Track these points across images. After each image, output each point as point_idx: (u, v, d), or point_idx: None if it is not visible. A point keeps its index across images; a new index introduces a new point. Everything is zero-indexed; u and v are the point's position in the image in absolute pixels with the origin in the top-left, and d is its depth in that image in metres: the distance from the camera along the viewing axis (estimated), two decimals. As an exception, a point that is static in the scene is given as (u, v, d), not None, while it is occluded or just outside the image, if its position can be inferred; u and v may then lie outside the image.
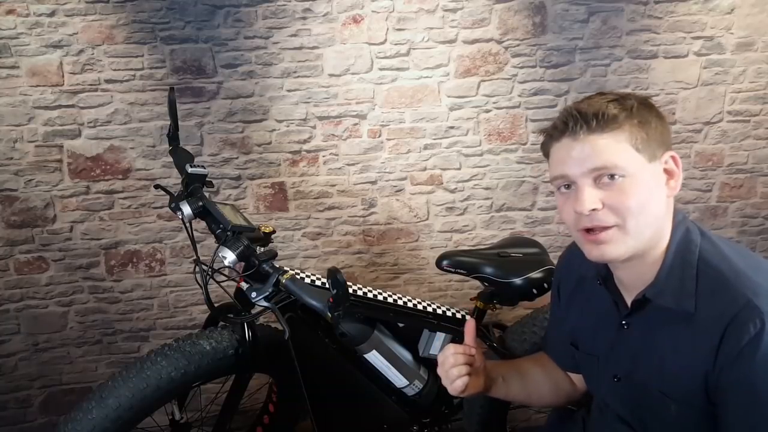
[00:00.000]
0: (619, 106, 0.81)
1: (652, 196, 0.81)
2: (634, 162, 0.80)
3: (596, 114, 0.80)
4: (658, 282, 0.84)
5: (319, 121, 1.95)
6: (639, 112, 0.81)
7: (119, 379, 1.26)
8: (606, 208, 0.81)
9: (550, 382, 1.15)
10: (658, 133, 0.82)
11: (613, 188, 0.80)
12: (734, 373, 0.76)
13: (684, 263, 0.83)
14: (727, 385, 0.77)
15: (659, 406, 0.87)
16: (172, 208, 1.29)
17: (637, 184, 0.80)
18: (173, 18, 1.84)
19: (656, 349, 0.86)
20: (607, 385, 0.97)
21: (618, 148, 0.79)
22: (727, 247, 0.84)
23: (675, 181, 0.84)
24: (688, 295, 0.81)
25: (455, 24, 1.91)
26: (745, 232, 2.15)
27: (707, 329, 0.79)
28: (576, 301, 1.05)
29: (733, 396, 0.77)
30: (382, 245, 2.08)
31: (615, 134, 0.80)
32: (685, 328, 0.82)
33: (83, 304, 2.02)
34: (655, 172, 0.82)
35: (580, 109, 0.82)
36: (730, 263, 0.81)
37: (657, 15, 1.94)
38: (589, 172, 0.81)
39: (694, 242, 0.85)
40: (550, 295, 1.17)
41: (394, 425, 1.59)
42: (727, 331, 0.76)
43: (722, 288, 0.79)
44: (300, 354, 1.41)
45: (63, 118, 1.87)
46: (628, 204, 0.79)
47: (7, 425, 2.06)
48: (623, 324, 0.92)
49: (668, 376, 0.84)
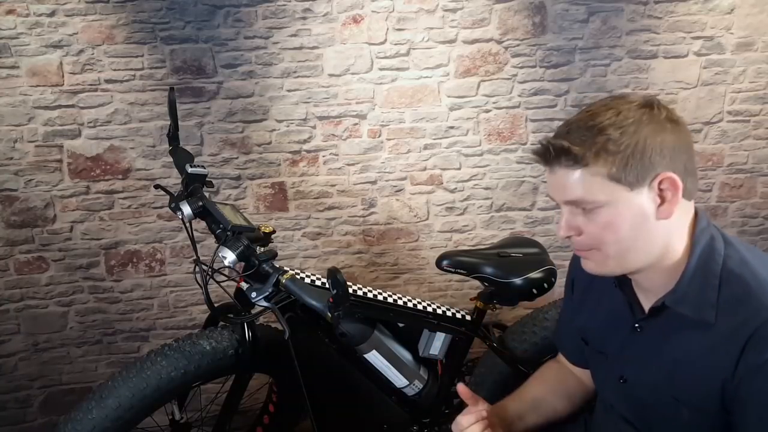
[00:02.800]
0: (585, 144, 0.77)
1: (634, 223, 0.79)
2: (610, 193, 0.78)
3: (564, 150, 0.79)
4: (678, 289, 0.82)
5: (319, 121, 1.95)
6: (621, 139, 0.76)
7: (119, 379, 1.26)
8: (584, 234, 0.83)
9: (563, 397, 1.13)
10: (647, 157, 0.76)
11: (590, 217, 0.81)
12: (755, 384, 0.75)
13: (707, 272, 0.81)
14: (747, 396, 0.76)
15: (670, 411, 0.86)
16: (172, 208, 1.29)
17: (615, 214, 0.79)
18: (173, 18, 1.84)
19: (669, 354, 0.85)
20: (612, 386, 0.97)
21: (591, 182, 0.78)
22: (752, 255, 0.82)
23: (668, 205, 0.79)
24: (709, 305, 0.80)
25: (455, 24, 1.91)
26: (745, 232, 2.15)
27: (727, 338, 0.78)
28: (589, 299, 1.04)
29: (752, 407, 0.76)
30: (382, 245, 2.08)
31: (588, 168, 0.78)
32: (703, 336, 0.81)
33: (83, 304, 2.02)
34: (640, 198, 0.78)
35: (553, 143, 0.80)
36: (754, 273, 0.79)
37: (657, 15, 1.94)
38: (565, 203, 0.83)
39: (717, 251, 0.82)
40: (564, 289, 1.17)
41: (394, 425, 1.59)
42: (749, 342, 0.75)
43: (745, 299, 0.77)
44: (300, 354, 1.41)
45: (63, 118, 1.87)
46: (602, 235, 0.81)
47: (7, 425, 2.06)
48: (636, 327, 0.91)
49: (681, 382, 0.83)
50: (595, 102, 0.85)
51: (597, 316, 1.01)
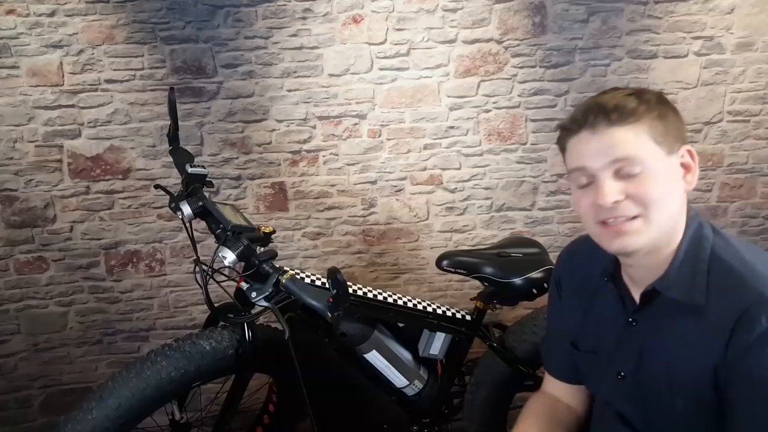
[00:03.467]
0: (638, 100, 0.81)
1: (671, 188, 0.82)
2: (653, 154, 0.80)
3: (616, 107, 0.80)
4: (668, 275, 0.84)
5: (319, 121, 1.95)
6: (657, 105, 0.82)
7: (119, 379, 1.26)
8: (628, 199, 0.80)
9: (558, 430, 1.10)
10: (675, 127, 0.82)
11: (634, 180, 0.80)
12: (744, 366, 0.76)
13: (696, 257, 0.84)
14: (737, 378, 0.77)
15: (666, 402, 0.87)
16: (172, 208, 1.29)
17: (658, 176, 0.80)
18: (173, 18, 1.84)
19: (664, 344, 0.86)
20: (609, 384, 0.97)
21: (638, 141, 0.80)
22: (739, 244, 0.85)
23: (692, 175, 0.84)
24: (699, 289, 0.82)
25: (455, 24, 1.91)
26: (746, 232, 2.15)
27: (717, 323, 0.79)
28: (579, 299, 1.04)
29: (743, 390, 0.77)
30: (382, 245, 2.08)
31: (635, 126, 0.80)
32: (695, 321, 0.82)
33: (83, 304, 2.02)
34: (673, 165, 0.82)
35: (600, 102, 0.82)
36: (742, 259, 0.81)
37: (657, 15, 1.94)
38: (610, 164, 0.81)
39: (706, 237, 0.85)
40: (548, 294, 1.15)
41: (394, 425, 1.59)
42: (737, 324, 0.76)
43: (734, 282, 0.79)
44: (300, 354, 1.41)
45: (63, 118, 1.87)
46: (650, 194, 0.80)
47: (7, 425, 2.06)
48: (631, 321, 0.92)
49: (676, 372, 0.84)
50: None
51: (589, 315, 1.01)
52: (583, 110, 0.83)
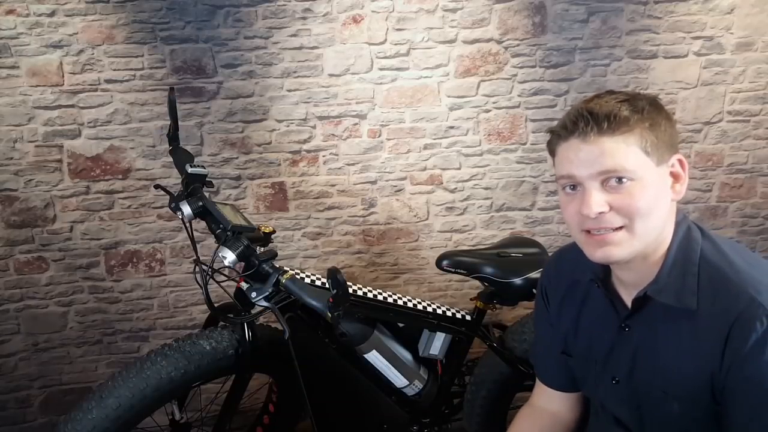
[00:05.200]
0: (630, 108, 0.79)
1: (658, 200, 0.80)
2: (642, 165, 0.79)
3: (608, 115, 0.78)
4: (659, 280, 0.84)
5: (319, 121, 1.95)
6: (650, 114, 0.80)
7: (119, 379, 1.26)
8: (613, 210, 0.80)
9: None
10: (667, 135, 0.81)
11: (621, 191, 0.79)
12: (743, 372, 0.76)
13: (685, 261, 0.83)
14: (735, 384, 0.77)
15: (661, 406, 0.86)
16: (172, 208, 1.29)
17: (645, 188, 0.79)
18: (173, 18, 1.84)
19: (658, 348, 0.86)
20: (604, 388, 0.97)
21: (627, 151, 0.78)
22: (728, 246, 0.85)
23: (680, 184, 0.83)
24: (689, 292, 0.81)
25: (455, 24, 1.91)
26: (745, 232, 2.15)
27: (711, 327, 0.79)
28: (568, 307, 1.03)
29: (742, 396, 0.77)
30: (382, 245, 2.08)
31: (625, 137, 0.79)
32: (687, 325, 0.82)
33: (83, 304, 2.02)
34: (662, 176, 0.81)
35: (591, 110, 0.80)
36: (730, 261, 0.81)
37: (657, 15, 1.94)
38: (597, 174, 0.80)
39: (695, 241, 0.85)
40: (534, 305, 1.14)
41: (394, 425, 1.59)
42: (732, 329, 0.76)
43: (724, 285, 0.79)
44: (300, 354, 1.41)
45: (63, 118, 1.87)
46: (636, 206, 0.79)
47: (7, 425, 2.06)
48: (623, 326, 0.91)
49: (671, 375, 0.84)
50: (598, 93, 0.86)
51: (579, 321, 1.01)
52: (574, 116, 0.81)
